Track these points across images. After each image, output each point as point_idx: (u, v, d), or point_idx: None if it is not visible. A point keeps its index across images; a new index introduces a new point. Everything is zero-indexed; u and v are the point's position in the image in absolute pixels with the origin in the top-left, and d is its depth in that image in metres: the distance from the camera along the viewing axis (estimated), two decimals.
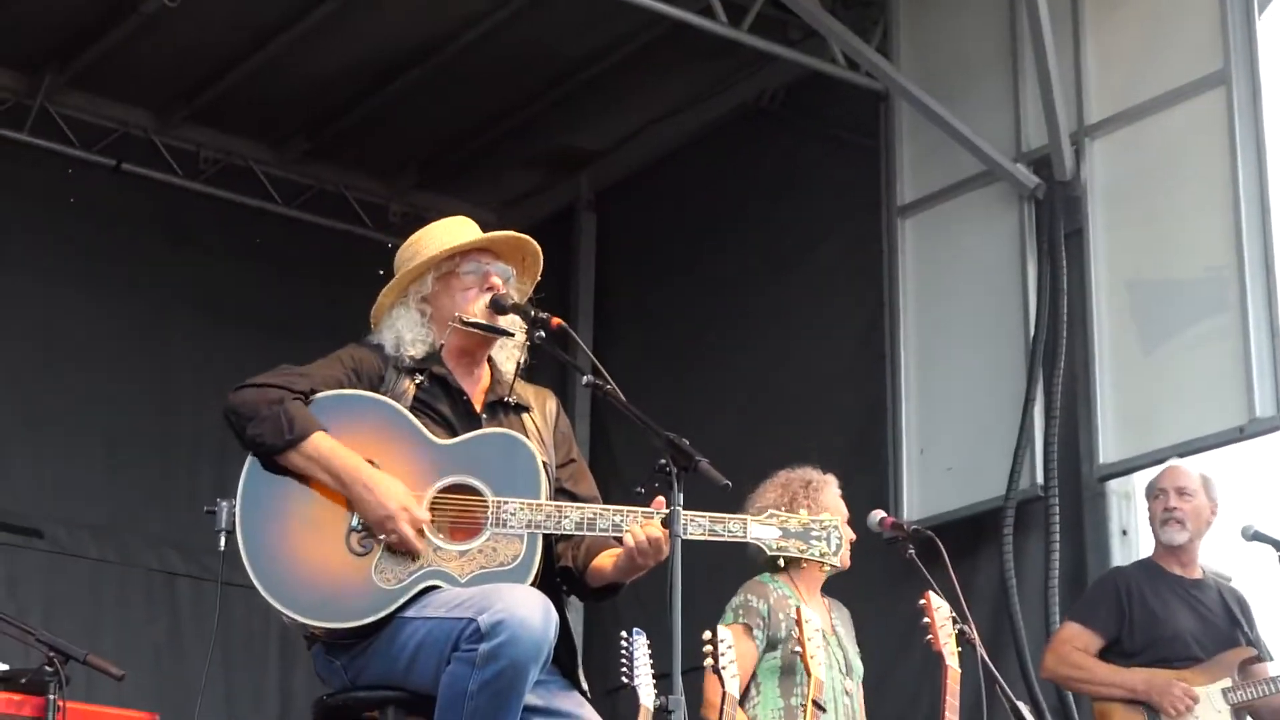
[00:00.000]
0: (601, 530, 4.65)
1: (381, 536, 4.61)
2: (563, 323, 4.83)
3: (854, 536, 6.44)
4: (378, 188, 11.25)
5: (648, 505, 4.67)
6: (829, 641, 6.41)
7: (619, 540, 4.68)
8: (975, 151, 8.88)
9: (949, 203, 9.25)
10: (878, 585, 8.23)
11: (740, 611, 6.50)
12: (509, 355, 4.99)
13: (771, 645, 6.44)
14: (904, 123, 9.44)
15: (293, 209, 10.93)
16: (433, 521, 4.66)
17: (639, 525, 4.63)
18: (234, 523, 4.64)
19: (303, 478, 4.66)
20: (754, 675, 6.37)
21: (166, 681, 9.35)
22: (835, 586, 6.93)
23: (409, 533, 4.59)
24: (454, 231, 5.01)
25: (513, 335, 4.92)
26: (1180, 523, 7.29)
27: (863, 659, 6.65)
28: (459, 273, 4.94)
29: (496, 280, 4.92)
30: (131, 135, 10.43)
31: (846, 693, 6.40)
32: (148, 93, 10.38)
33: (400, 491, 4.63)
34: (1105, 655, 7.26)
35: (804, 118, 10.15)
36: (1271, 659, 7.25)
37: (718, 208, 10.54)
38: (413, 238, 5.06)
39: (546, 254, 5.10)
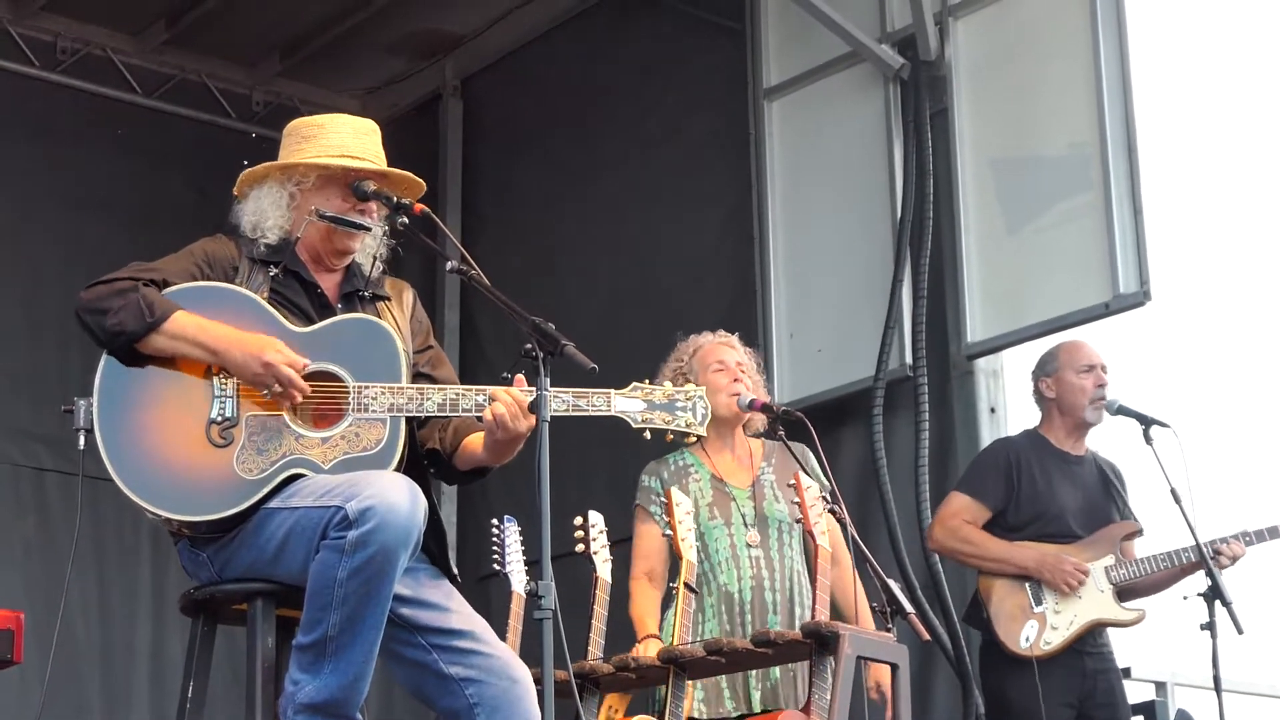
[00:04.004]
0: (465, 410, 4.65)
1: (264, 392, 4.58)
2: (426, 208, 4.80)
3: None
4: (240, 76, 11.11)
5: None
6: (735, 497, 6.48)
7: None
8: (840, 33, 8.87)
9: (815, 84, 9.24)
10: None
11: (638, 495, 6.60)
12: (367, 249, 4.95)
13: None
14: (769, 4, 9.42)
15: (154, 99, 10.77)
16: (295, 410, 4.64)
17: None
18: (92, 421, 4.60)
19: (163, 365, 4.63)
20: None
21: (35, 579, 9.29)
22: None
23: (289, 374, 4.57)
24: (360, 140, 4.93)
25: (369, 230, 4.88)
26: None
27: None
28: (338, 184, 4.89)
29: (371, 205, 4.88)
30: None
31: (750, 545, 6.45)
32: None
33: (272, 340, 4.61)
34: (988, 528, 7.25)
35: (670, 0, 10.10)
36: (1141, 531, 7.34)
37: (584, 92, 10.48)
38: (320, 119, 5.00)
39: (412, 142, 5.08)
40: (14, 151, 10.13)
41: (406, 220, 4.78)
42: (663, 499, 6.39)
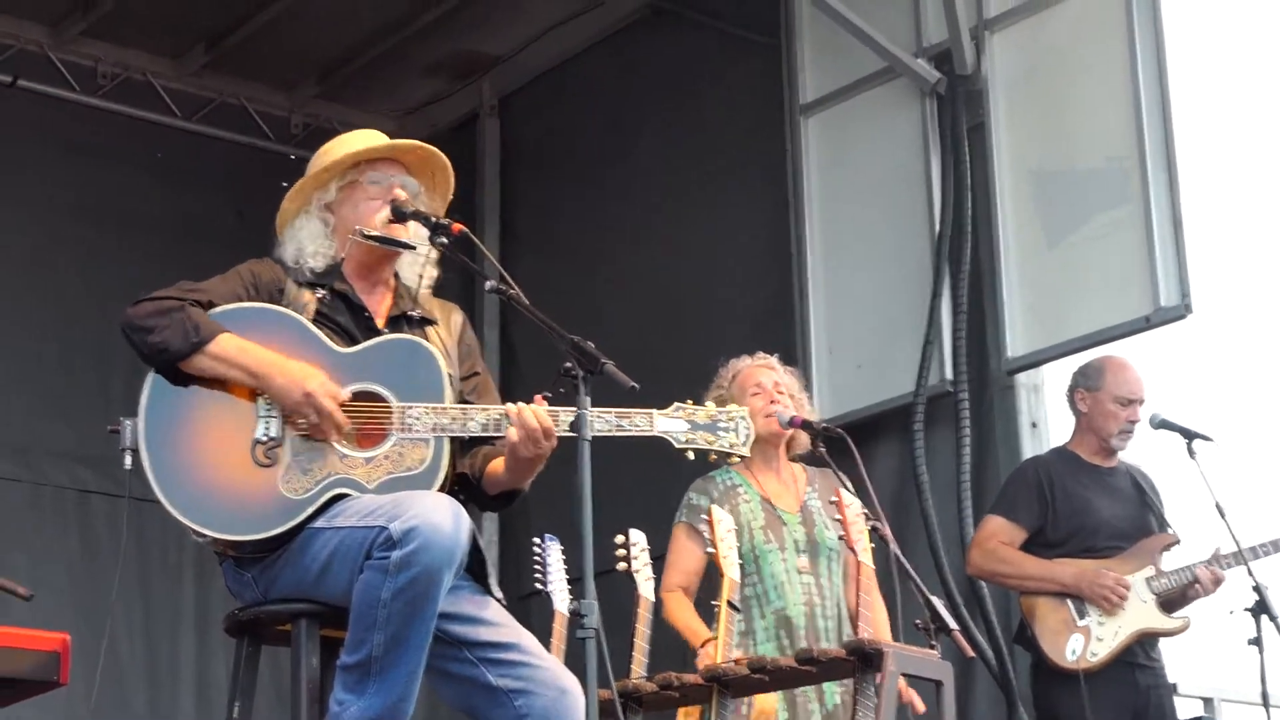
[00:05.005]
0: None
1: (301, 421, 4.60)
2: (464, 228, 4.80)
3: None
4: (279, 99, 11.16)
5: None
6: (786, 521, 6.46)
7: None
8: (876, 48, 8.87)
9: (851, 100, 9.23)
10: None
11: (684, 511, 6.58)
12: (414, 269, 4.97)
13: None
14: (804, 20, 9.40)
15: (193, 123, 10.83)
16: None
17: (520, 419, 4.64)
18: (138, 441, 4.61)
19: (209, 385, 4.65)
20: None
21: (80, 601, 9.30)
22: None
23: (329, 405, 4.59)
24: (363, 140, 4.99)
25: (414, 249, 4.89)
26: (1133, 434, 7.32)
27: None
28: (363, 182, 4.91)
29: (400, 192, 4.89)
30: (27, 51, 10.28)
31: (800, 571, 6.44)
32: (42, 6, 10.23)
33: (314, 371, 4.63)
34: (1028, 546, 7.22)
35: (705, 16, 10.10)
36: (1179, 541, 7.31)
37: (621, 109, 10.50)
38: (325, 146, 5.03)
39: (450, 161, 5.07)
40: (54, 174, 10.21)
41: (445, 240, 4.79)
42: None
